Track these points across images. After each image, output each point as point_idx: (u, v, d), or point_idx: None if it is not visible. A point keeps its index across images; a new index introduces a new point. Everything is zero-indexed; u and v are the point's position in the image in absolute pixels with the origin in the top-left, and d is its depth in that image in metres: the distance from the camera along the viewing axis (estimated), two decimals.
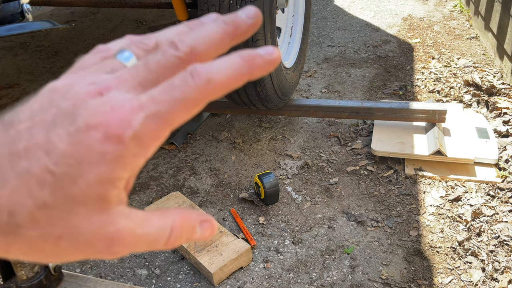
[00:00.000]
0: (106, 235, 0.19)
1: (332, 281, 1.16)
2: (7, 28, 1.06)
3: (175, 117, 0.19)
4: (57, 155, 0.18)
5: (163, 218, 0.22)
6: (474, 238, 1.25)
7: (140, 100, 0.19)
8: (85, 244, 0.19)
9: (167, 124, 0.19)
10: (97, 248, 0.20)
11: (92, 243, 0.19)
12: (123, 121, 0.18)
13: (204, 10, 1.33)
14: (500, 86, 1.89)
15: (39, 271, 0.70)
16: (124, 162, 0.19)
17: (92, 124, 0.18)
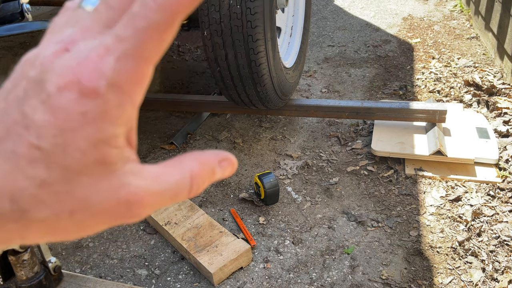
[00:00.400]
0: (122, 199, 0.18)
1: (332, 281, 1.16)
2: (6, 28, 1.05)
3: (148, 49, 0.17)
4: (37, 128, 0.17)
5: (179, 168, 0.20)
6: (474, 238, 1.25)
7: (105, 43, 0.17)
8: (103, 213, 0.18)
9: (142, 60, 0.17)
10: (117, 215, 0.18)
11: (110, 210, 0.18)
12: (93, 72, 0.17)
13: (204, 9, 1.32)
14: (501, 86, 1.89)
15: (38, 271, 0.70)
16: (109, 116, 0.17)
17: (62, 85, 0.17)
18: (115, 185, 0.18)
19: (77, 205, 0.18)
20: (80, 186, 0.17)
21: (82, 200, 0.18)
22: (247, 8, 1.28)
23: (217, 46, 1.36)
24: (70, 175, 0.17)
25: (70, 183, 0.17)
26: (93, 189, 0.18)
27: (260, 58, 1.37)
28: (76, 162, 0.17)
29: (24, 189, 0.17)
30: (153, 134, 1.82)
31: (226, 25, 1.31)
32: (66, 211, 0.17)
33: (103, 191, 0.18)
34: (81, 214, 0.18)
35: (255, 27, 1.31)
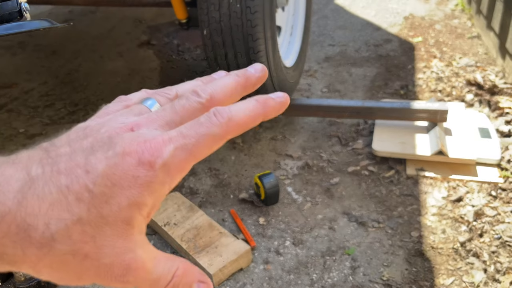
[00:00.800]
0: (124, 262, 0.21)
1: (333, 282, 1.15)
2: (5, 27, 1.04)
3: (200, 150, 0.22)
4: (96, 175, 0.20)
5: (169, 261, 0.23)
6: (476, 239, 1.24)
7: (170, 134, 0.22)
8: (105, 267, 0.20)
9: (193, 156, 0.22)
10: (113, 274, 0.21)
11: (111, 267, 0.20)
12: (155, 150, 0.20)
13: (204, 9, 1.31)
14: (502, 85, 1.88)
15: None
16: (152, 188, 0.20)
17: (128, 151, 0.20)
18: (127, 247, 0.21)
19: (93, 251, 0.20)
20: (103, 235, 0.20)
21: (99, 248, 0.20)
22: (247, 7, 1.27)
23: (217, 45, 1.35)
24: (102, 222, 0.20)
25: (98, 229, 0.20)
26: (111, 243, 0.20)
27: (260, 57, 1.36)
28: (111, 213, 0.20)
29: (62, 219, 0.19)
30: None
31: (226, 24, 1.30)
32: (82, 253, 0.20)
33: (116, 247, 0.20)
34: (90, 261, 0.20)
35: (255, 26, 1.30)
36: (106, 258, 0.20)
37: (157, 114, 0.23)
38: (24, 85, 2.21)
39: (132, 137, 0.21)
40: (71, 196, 0.19)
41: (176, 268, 0.23)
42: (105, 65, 2.38)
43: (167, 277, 0.22)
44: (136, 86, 2.17)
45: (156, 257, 0.22)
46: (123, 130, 0.22)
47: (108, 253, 0.20)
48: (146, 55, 2.47)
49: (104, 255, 0.20)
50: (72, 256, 0.19)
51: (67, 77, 2.28)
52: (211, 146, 0.22)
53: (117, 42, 2.62)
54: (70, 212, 0.19)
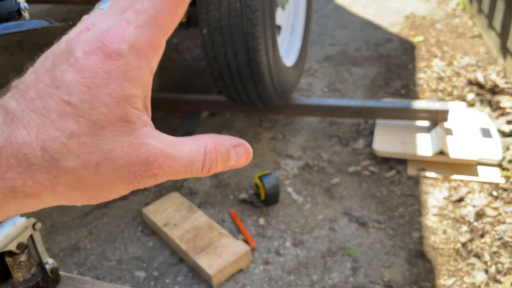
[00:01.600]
0: (141, 157, 0.20)
1: (334, 283, 1.14)
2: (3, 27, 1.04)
3: (163, 19, 0.20)
4: (68, 86, 0.19)
5: (194, 141, 0.22)
6: (477, 239, 1.23)
7: (125, 17, 0.20)
8: (124, 169, 0.20)
9: (159, 28, 0.20)
10: (136, 172, 0.20)
11: (130, 166, 0.20)
12: (115, 37, 0.19)
13: (203, 8, 1.30)
14: (504, 85, 1.87)
15: (36, 272, 0.69)
16: (130, 76, 0.19)
17: (89, 50, 0.19)
18: (136, 142, 0.20)
19: (103, 158, 0.19)
20: (105, 140, 0.19)
21: (107, 153, 0.19)
22: (247, 6, 1.26)
23: (217, 45, 1.34)
24: (97, 129, 0.19)
25: (97, 136, 0.19)
26: (117, 144, 0.20)
27: (260, 56, 1.35)
28: (101, 116, 0.19)
29: (55, 138, 0.19)
30: None
31: (226, 23, 1.29)
32: (93, 163, 0.19)
33: (125, 146, 0.20)
34: (106, 168, 0.20)
35: (255, 25, 1.29)
36: (120, 160, 0.20)
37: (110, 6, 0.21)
38: None
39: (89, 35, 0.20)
40: (53, 114, 0.19)
41: (204, 145, 0.22)
42: None
43: (198, 157, 0.21)
44: None
45: (178, 143, 0.21)
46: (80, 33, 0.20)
47: (119, 154, 0.20)
48: None
49: (116, 157, 0.20)
50: (84, 169, 0.19)
51: None
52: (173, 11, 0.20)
53: None
54: (59, 129, 0.19)
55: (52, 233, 1.34)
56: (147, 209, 1.34)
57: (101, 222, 1.38)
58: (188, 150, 0.21)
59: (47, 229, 1.35)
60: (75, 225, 1.37)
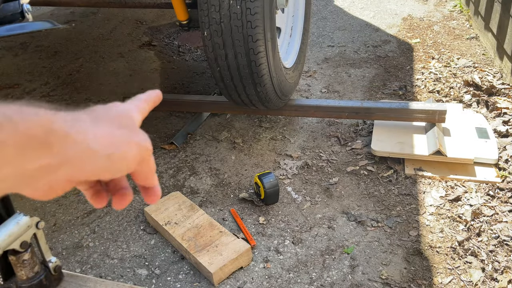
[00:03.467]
0: (141, 140, 0.37)
1: (332, 281, 1.16)
2: (7, 28, 1.06)
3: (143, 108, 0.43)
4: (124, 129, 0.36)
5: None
6: (474, 238, 1.25)
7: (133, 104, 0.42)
8: (139, 144, 0.36)
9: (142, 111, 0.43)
10: (142, 147, 0.36)
11: (140, 145, 0.36)
12: (132, 111, 0.40)
13: (204, 10, 1.33)
14: (500, 86, 1.89)
15: (39, 271, 0.70)
16: (136, 121, 0.40)
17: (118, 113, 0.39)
18: (141, 133, 0.37)
19: (134, 138, 0.36)
20: (134, 134, 0.36)
21: (135, 136, 0.36)
22: (247, 8, 1.28)
23: (217, 46, 1.36)
24: (130, 131, 0.36)
25: (131, 133, 0.36)
26: (137, 135, 0.36)
27: (260, 58, 1.37)
28: (130, 126, 0.37)
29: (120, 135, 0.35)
30: (153, 134, 1.82)
31: (226, 25, 1.31)
32: (134, 141, 0.36)
33: (139, 136, 0.37)
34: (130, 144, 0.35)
35: (255, 28, 1.31)
36: (139, 139, 0.36)
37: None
38: (26, 86, 2.22)
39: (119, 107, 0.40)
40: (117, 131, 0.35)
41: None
42: (106, 66, 2.39)
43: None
44: (137, 86, 2.19)
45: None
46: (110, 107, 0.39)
47: (139, 138, 0.36)
48: (147, 56, 2.48)
49: (138, 140, 0.36)
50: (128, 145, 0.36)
51: (69, 77, 2.29)
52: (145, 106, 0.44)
53: (118, 43, 2.64)
54: (122, 131, 0.36)
55: (55, 232, 1.36)
56: (149, 208, 1.36)
57: (103, 221, 1.39)
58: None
59: (50, 227, 1.37)
60: (78, 224, 1.38)
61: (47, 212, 1.44)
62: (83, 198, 1.49)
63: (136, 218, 1.40)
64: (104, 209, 1.44)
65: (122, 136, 0.34)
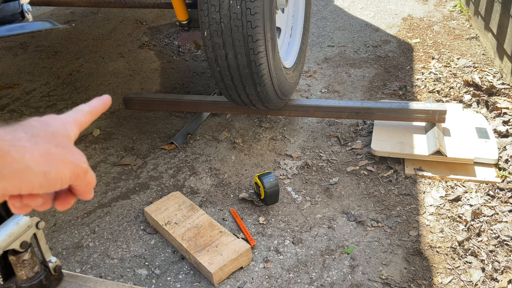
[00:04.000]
0: (76, 159, 0.40)
1: (332, 281, 1.16)
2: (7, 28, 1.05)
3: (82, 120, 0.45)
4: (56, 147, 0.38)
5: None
6: (474, 238, 1.25)
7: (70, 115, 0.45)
8: (71, 163, 0.38)
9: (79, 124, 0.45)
10: (74, 165, 0.38)
11: (73, 163, 0.38)
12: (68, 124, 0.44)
13: (204, 10, 1.33)
14: (500, 86, 1.89)
15: (39, 271, 0.70)
16: (71, 136, 0.42)
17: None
18: (76, 152, 0.40)
19: (69, 157, 0.38)
20: (69, 153, 0.38)
21: (70, 155, 0.38)
22: (247, 8, 1.28)
23: (217, 46, 1.36)
24: (65, 149, 0.38)
25: (66, 152, 0.38)
26: (72, 154, 0.39)
27: (260, 58, 1.37)
28: (66, 145, 0.39)
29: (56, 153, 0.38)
30: (153, 134, 1.82)
31: (226, 25, 1.31)
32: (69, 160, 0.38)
33: (74, 155, 0.39)
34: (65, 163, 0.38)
35: (255, 28, 1.31)
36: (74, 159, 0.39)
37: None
38: (26, 86, 2.22)
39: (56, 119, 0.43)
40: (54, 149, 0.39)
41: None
42: (106, 66, 2.39)
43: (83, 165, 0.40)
44: (137, 86, 2.19)
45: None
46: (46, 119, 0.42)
47: (73, 158, 0.39)
48: (147, 56, 2.48)
49: (72, 159, 0.39)
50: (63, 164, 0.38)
51: (69, 77, 2.29)
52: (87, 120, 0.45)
53: (118, 43, 2.64)
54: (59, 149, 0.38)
55: (55, 232, 1.36)
56: (149, 208, 1.36)
57: (103, 221, 1.39)
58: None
59: (50, 227, 1.37)
60: (78, 224, 1.38)
61: (47, 212, 1.44)
62: None
63: (136, 218, 1.40)
64: (104, 209, 1.44)
65: (58, 155, 0.36)
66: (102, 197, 1.50)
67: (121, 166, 1.65)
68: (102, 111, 0.45)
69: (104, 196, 1.50)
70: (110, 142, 1.78)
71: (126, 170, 1.62)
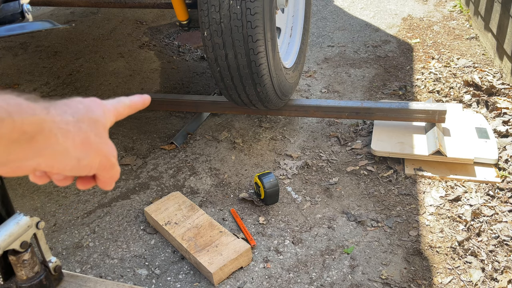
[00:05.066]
0: (110, 150, 0.42)
1: (332, 281, 1.16)
2: (7, 28, 1.06)
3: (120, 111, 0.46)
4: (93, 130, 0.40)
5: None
6: (473, 238, 1.25)
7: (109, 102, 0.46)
8: (105, 152, 0.40)
9: (118, 114, 0.46)
10: (106, 153, 0.41)
11: (107, 152, 0.41)
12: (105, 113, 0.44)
13: (204, 10, 1.33)
14: (500, 86, 1.89)
15: (39, 271, 0.70)
16: (105, 125, 0.42)
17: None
18: (110, 145, 0.41)
19: (103, 149, 0.40)
20: (104, 144, 0.40)
21: (105, 147, 0.40)
22: (247, 8, 1.28)
23: (217, 47, 1.37)
24: (101, 140, 0.40)
25: (102, 143, 0.40)
26: (106, 147, 0.41)
27: (260, 58, 1.37)
28: (103, 136, 0.41)
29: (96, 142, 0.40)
30: (153, 134, 1.82)
31: (226, 25, 1.32)
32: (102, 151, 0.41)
33: (108, 148, 0.41)
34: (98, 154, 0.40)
35: (255, 28, 1.31)
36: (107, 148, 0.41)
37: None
38: (26, 86, 2.22)
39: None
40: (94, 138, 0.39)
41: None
42: (106, 66, 2.39)
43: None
44: (137, 86, 2.19)
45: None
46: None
47: (107, 147, 0.41)
48: (147, 56, 2.48)
49: (106, 148, 0.41)
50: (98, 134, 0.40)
51: (69, 78, 2.29)
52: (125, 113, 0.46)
53: (118, 43, 2.64)
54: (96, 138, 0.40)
55: (55, 232, 1.36)
56: (149, 208, 1.36)
57: (103, 221, 1.39)
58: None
59: (50, 227, 1.37)
60: (78, 224, 1.38)
61: (47, 212, 1.44)
62: (83, 198, 1.50)
63: (136, 218, 1.40)
64: (104, 209, 1.44)
65: (95, 144, 0.38)
66: (102, 197, 1.50)
67: (121, 166, 1.65)
68: (140, 108, 0.46)
69: (104, 196, 1.50)
70: None
71: (126, 170, 1.62)
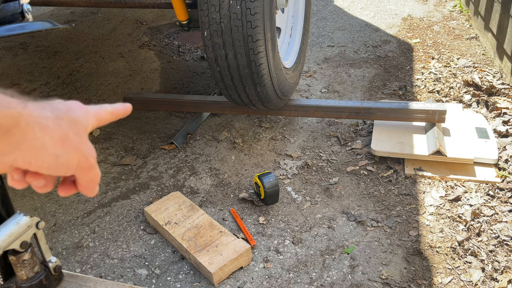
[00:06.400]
0: (88, 149, 0.41)
1: (332, 281, 1.16)
2: (7, 28, 1.05)
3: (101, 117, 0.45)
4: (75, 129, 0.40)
5: None
6: (473, 238, 1.25)
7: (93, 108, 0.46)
8: (85, 153, 0.40)
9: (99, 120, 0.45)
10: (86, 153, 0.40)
11: (87, 151, 0.40)
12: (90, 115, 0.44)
13: (204, 10, 1.33)
14: (500, 86, 1.89)
15: (39, 271, 0.70)
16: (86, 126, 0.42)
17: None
18: (89, 146, 0.40)
19: (82, 148, 0.39)
20: (83, 144, 0.40)
21: (84, 147, 0.40)
22: (247, 8, 1.29)
23: (217, 46, 1.37)
24: (81, 139, 0.39)
25: (81, 142, 0.39)
26: (86, 146, 0.40)
27: (260, 58, 1.37)
28: (82, 136, 0.40)
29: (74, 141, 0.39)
30: (153, 134, 1.82)
31: (226, 25, 1.32)
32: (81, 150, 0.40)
33: (87, 148, 0.40)
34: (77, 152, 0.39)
35: (255, 28, 1.31)
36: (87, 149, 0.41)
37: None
38: (26, 86, 2.22)
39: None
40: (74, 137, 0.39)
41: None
42: (106, 66, 2.39)
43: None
44: (137, 86, 2.19)
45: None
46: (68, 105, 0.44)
47: (87, 149, 0.40)
48: (147, 56, 2.48)
49: (86, 149, 0.40)
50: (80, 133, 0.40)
51: (69, 77, 2.29)
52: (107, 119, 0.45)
53: (118, 43, 2.64)
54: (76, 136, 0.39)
55: (55, 232, 1.36)
56: (149, 208, 1.36)
57: (103, 221, 1.39)
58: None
59: (50, 227, 1.37)
60: (78, 224, 1.38)
61: (47, 212, 1.44)
62: (83, 198, 1.50)
63: (136, 218, 1.40)
64: (104, 209, 1.44)
65: (73, 142, 0.38)
66: (102, 197, 1.50)
67: (121, 166, 1.65)
68: (122, 116, 0.47)
69: (104, 196, 1.50)
70: (110, 142, 1.78)
71: (126, 170, 1.62)
